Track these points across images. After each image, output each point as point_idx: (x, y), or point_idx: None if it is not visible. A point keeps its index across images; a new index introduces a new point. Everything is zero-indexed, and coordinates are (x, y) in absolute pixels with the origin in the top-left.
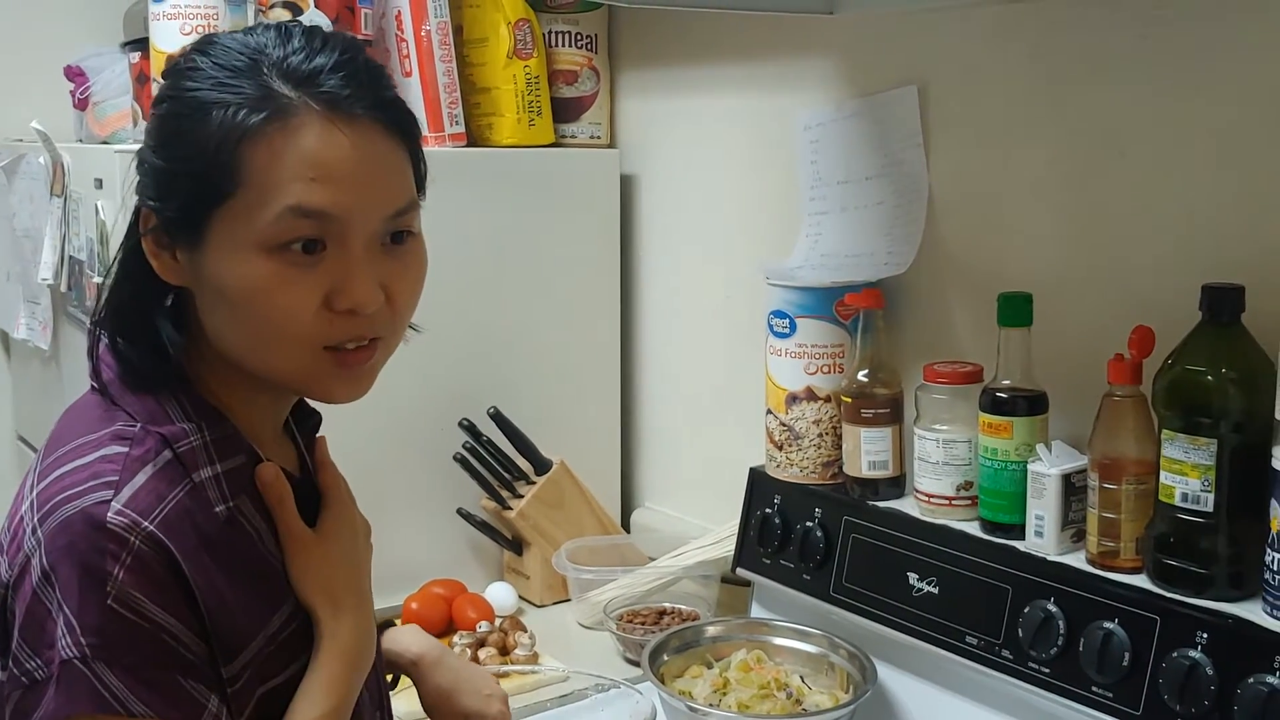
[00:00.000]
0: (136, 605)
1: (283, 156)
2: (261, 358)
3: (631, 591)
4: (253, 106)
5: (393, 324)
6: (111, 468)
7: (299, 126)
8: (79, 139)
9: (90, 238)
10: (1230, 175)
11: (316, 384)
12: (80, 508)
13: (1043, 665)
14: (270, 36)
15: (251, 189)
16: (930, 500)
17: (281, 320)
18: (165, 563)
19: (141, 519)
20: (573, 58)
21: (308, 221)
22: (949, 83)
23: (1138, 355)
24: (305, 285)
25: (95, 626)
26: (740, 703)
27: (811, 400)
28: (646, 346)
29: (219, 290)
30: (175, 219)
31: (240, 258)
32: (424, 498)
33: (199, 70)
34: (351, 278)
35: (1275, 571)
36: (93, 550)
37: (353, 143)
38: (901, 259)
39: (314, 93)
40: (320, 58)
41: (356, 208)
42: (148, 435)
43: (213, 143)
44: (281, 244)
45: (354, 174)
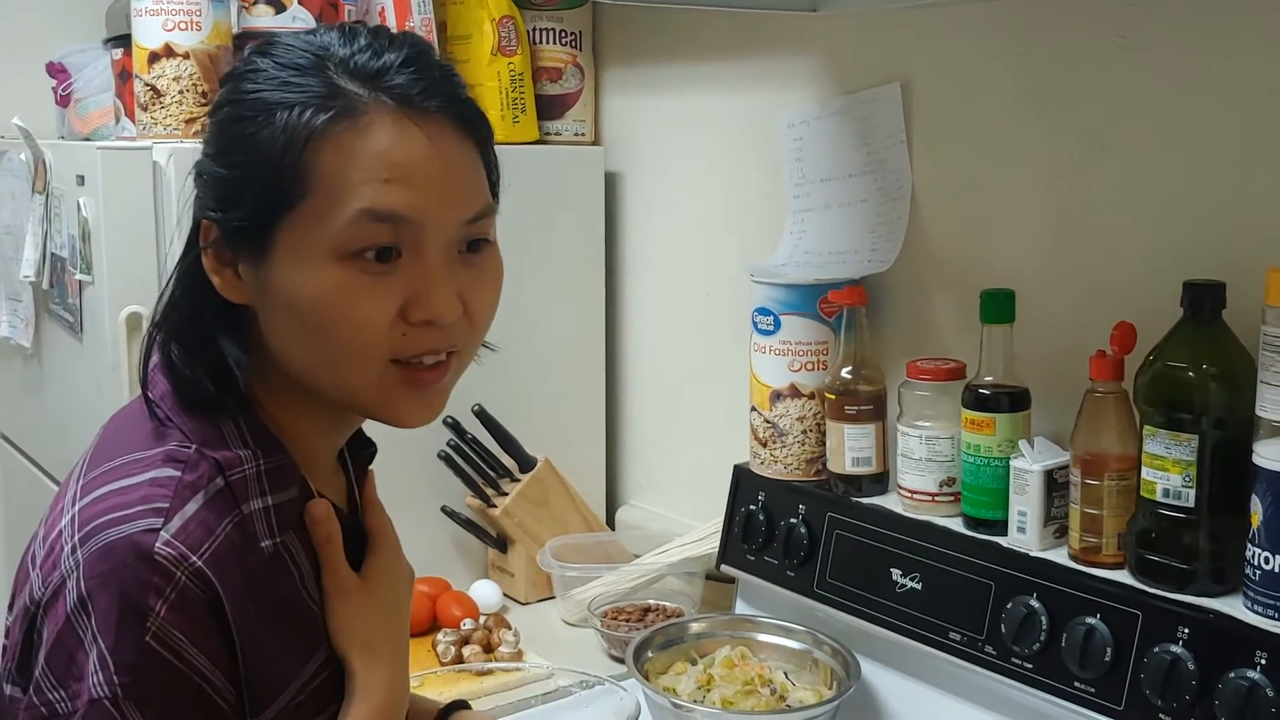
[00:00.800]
0: (174, 644)
1: (353, 157)
2: (330, 374)
3: (616, 589)
4: (319, 105)
5: (470, 337)
6: (162, 493)
7: (369, 125)
8: (61, 136)
9: (72, 235)
10: (1210, 172)
11: (385, 403)
12: (126, 534)
13: (1025, 661)
14: (334, 36)
15: (321, 193)
16: (913, 496)
17: (353, 332)
18: (209, 602)
19: (190, 553)
20: (557, 55)
21: (382, 226)
22: (932, 80)
23: (1119, 352)
24: (380, 295)
25: (130, 665)
26: (724, 699)
27: (795, 397)
28: (631, 344)
29: (287, 303)
30: (239, 230)
31: (310, 267)
32: (408, 495)
33: (260, 71)
34: (429, 286)
35: (1256, 567)
36: (135, 582)
37: (427, 141)
38: (885, 256)
39: (384, 89)
40: (389, 54)
41: (433, 211)
42: (202, 459)
43: (278, 145)
44: (354, 251)
45: (429, 175)
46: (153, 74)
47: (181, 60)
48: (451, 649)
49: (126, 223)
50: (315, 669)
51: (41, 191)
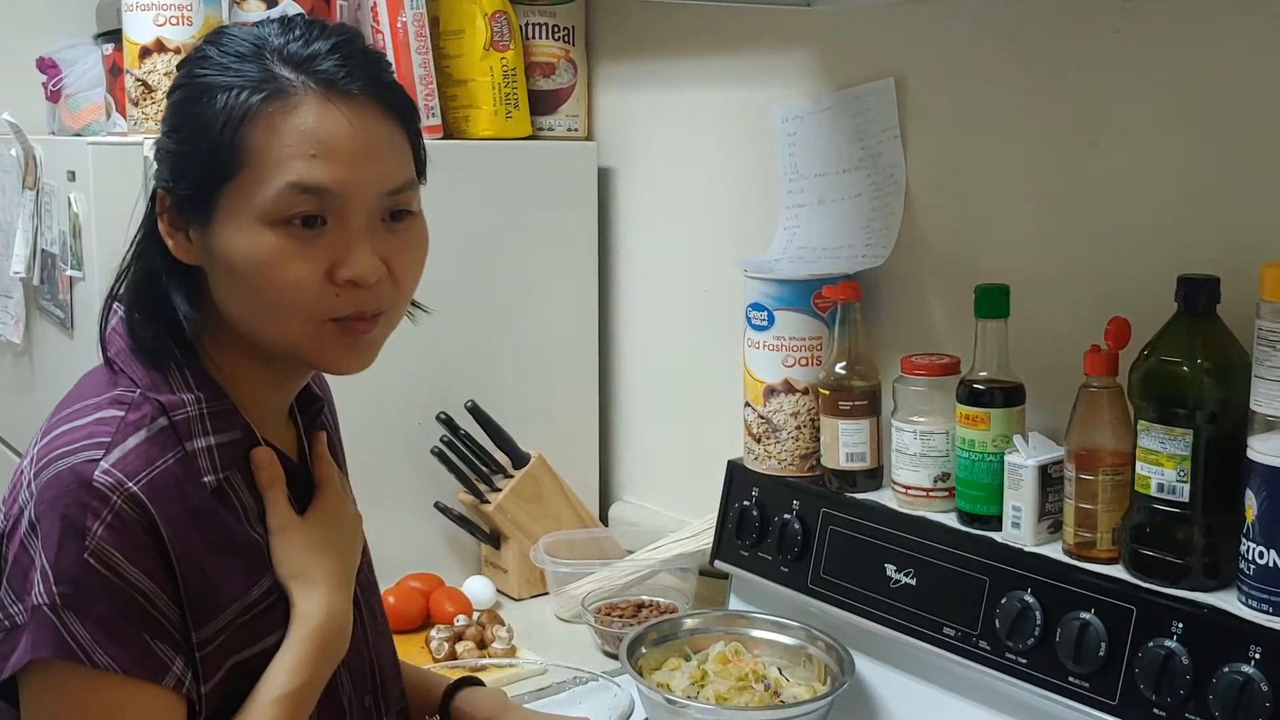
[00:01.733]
0: (111, 562)
1: (283, 134)
2: (270, 329)
3: (609, 585)
4: (254, 88)
5: (395, 298)
6: (105, 429)
7: (297, 105)
8: (51, 131)
9: (63, 230)
10: (1204, 167)
11: (323, 354)
12: (70, 464)
13: (1020, 656)
14: (274, 27)
15: (255, 166)
16: (908, 492)
17: (287, 292)
18: (145, 525)
19: (127, 480)
20: (550, 50)
21: (308, 196)
22: (926, 75)
23: (1114, 347)
24: (308, 258)
25: (69, 577)
26: (718, 695)
27: (789, 393)
28: (624, 340)
29: (228, 264)
30: (187, 198)
31: (246, 232)
32: (401, 492)
33: (208, 58)
34: (352, 251)
35: (1250, 561)
36: (76, 504)
37: (350, 120)
38: (879, 251)
39: (312, 73)
40: (318, 43)
41: (355, 183)
42: (145, 401)
43: (218, 123)
44: (283, 219)
45: (351, 151)
46: (144, 69)
47: (172, 55)
48: (445, 645)
49: (117, 218)
50: (260, 594)
51: (32, 187)
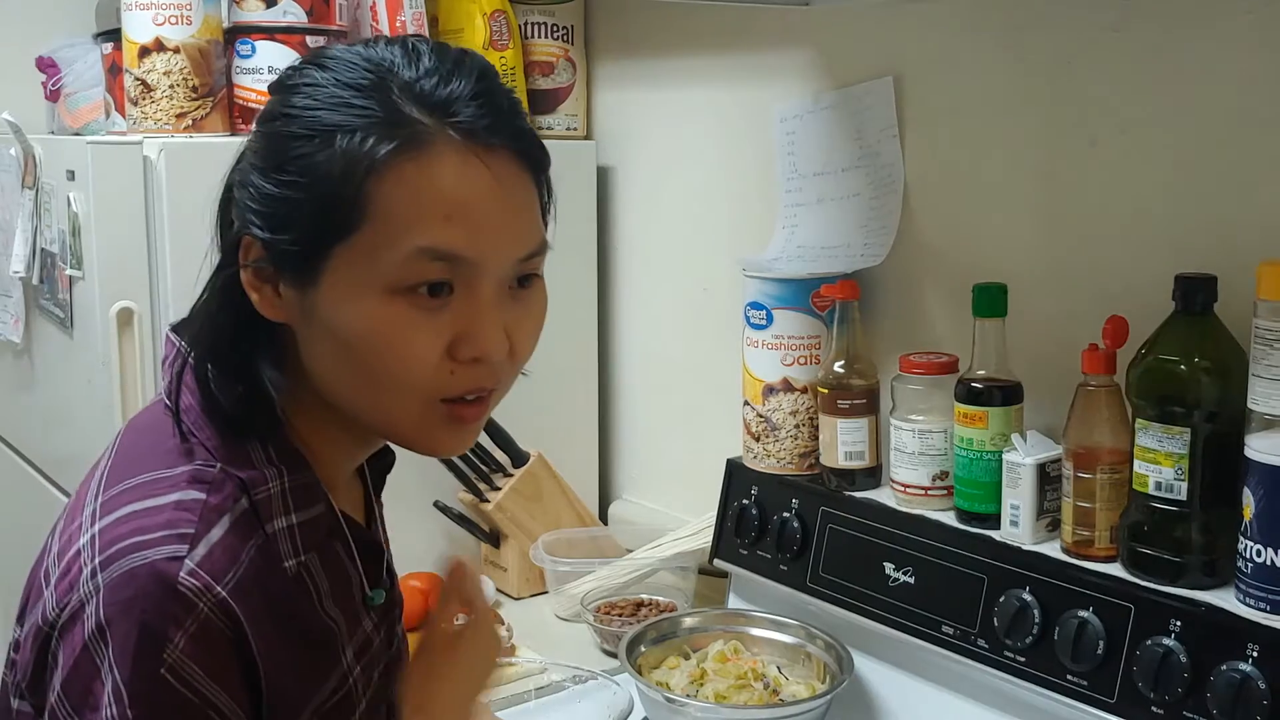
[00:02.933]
0: (191, 679)
1: (416, 191)
2: (372, 405)
3: (609, 583)
4: (383, 134)
5: (511, 372)
6: (187, 517)
7: (433, 158)
8: (51, 131)
9: (62, 230)
10: (1203, 165)
11: (425, 436)
12: (150, 560)
13: (1018, 654)
14: (396, 53)
15: (379, 225)
16: (906, 490)
17: (401, 368)
18: (231, 634)
19: (215, 583)
20: (549, 49)
21: (439, 264)
22: (924, 74)
23: (1111, 345)
24: (429, 331)
25: (145, 697)
26: (717, 693)
27: (788, 391)
28: (624, 339)
29: (333, 332)
30: (288, 253)
31: (362, 299)
32: (401, 490)
33: (318, 87)
34: (480, 324)
35: (1248, 559)
36: (157, 611)
37: (491, 177)
38: (877, 250)
39: (450, 120)
40: (456, 82)
41: (491, 250)
42: (227, 480)
43: (337, 171)
44: (408, 286)
45: (490, 213)
46: (143, 68)
47: (172, 54)
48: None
49: (117, 218)
50: (332, 688)
51: (31, 187)
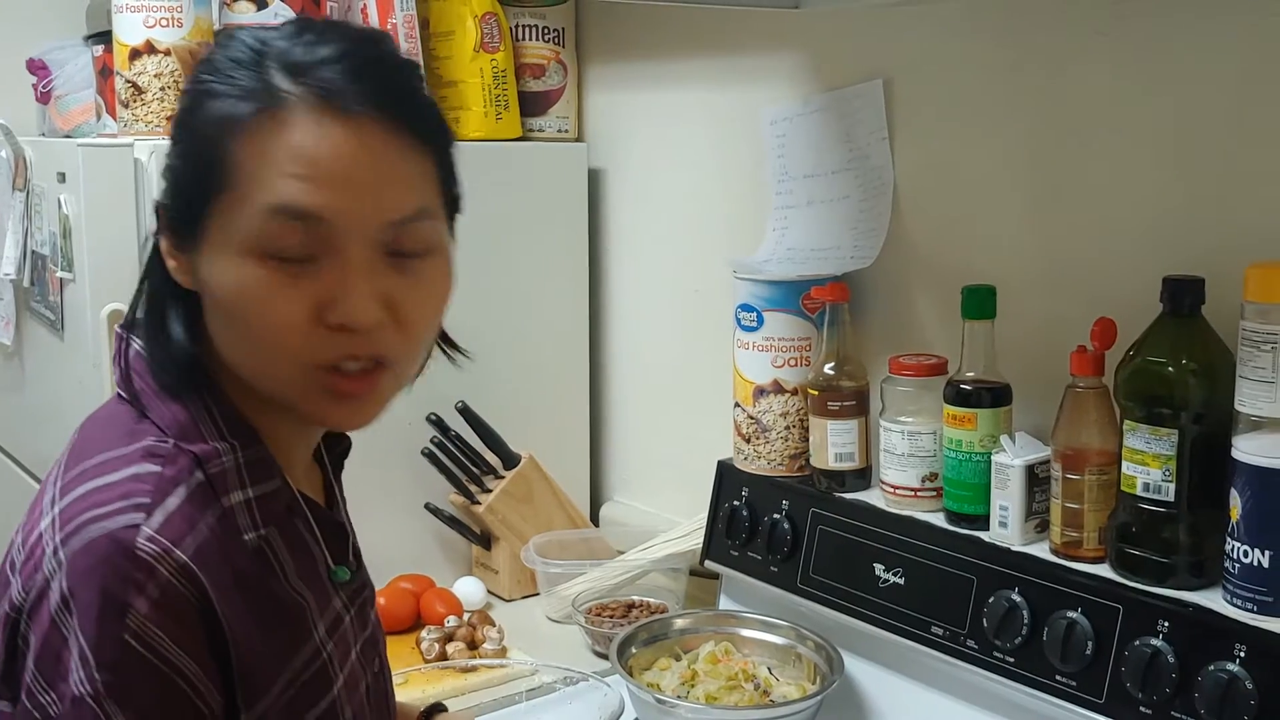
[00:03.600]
0: (155, 644)
1: (268, 150)
2: (256, 370)
3: (600, 585)
4: (243, 97)
5: (402, 348)
6: (143, 488)
7: (290, 119)
8: (42, 133)
9: (53, 232)
10: (1190, 168)
11: (309, 405)
12: (107, 530)
13: (1007, 655)
14: (286, 29)
15: (239, 186)
16: (896, 492)
17: (269, 332)
18: (195, 598)
19: (174, 547)
20: (540, 51)
21: (294, 224)
22: (914, 77)
23: (1100, 347)
24: (293, 295)
25: (111, 662)
26: (708, 694)
27: (779, 393)
28: (615, 340)
29: (211, 294)
30: (177, 217)
31: (228, 260)
32: (392, 492)
33: (210, 62)
34: (345, 289)
35: (1235, 560)
36: (116, 577)
37: (348, 139)
38: (867, 253)
39: (311, 83)
40: (326, 48)
41: (351, 211)
42: (180, 453)
43: (206, 135)
44: (266, 248)
45: (349, 173)
46: (134, 70)
47: (163, 57)
48: (435, 646)
49: (108, 220)
50: (305, 661)
51: (22, 189)
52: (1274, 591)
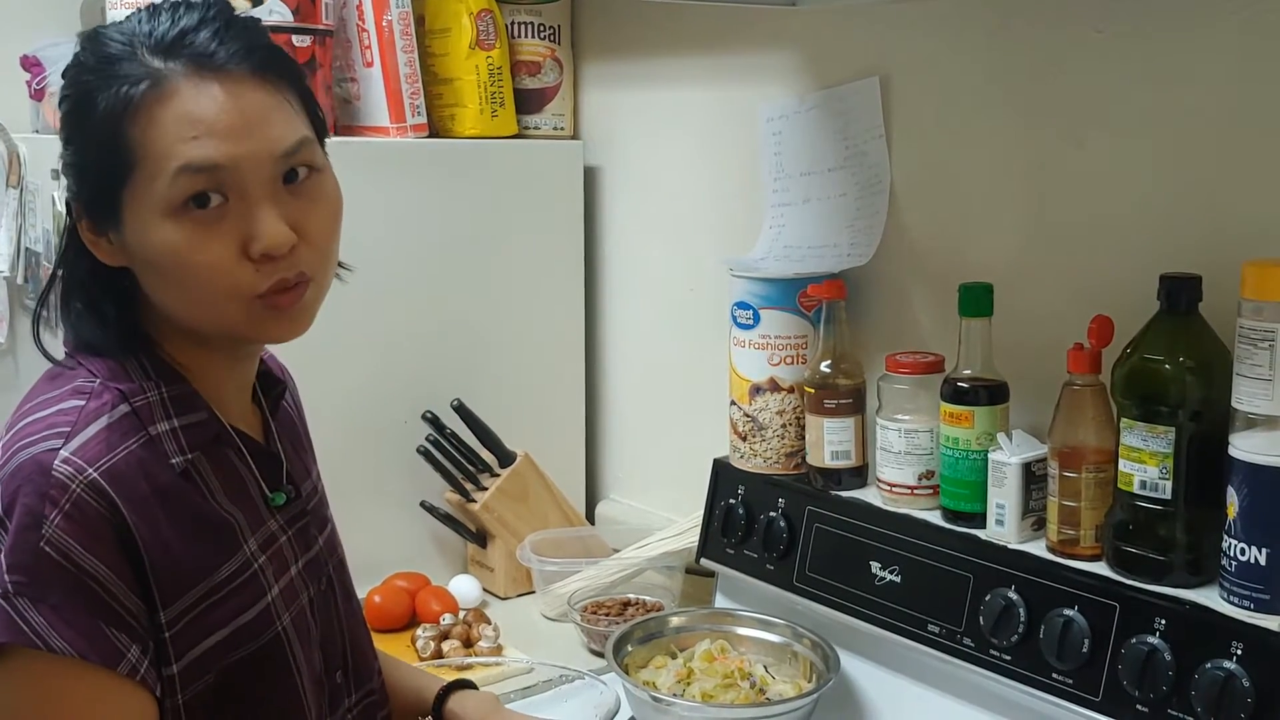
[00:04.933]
0: (67, 550)
1: (162, 123)
2: (203, 315)
3: (596, 583)
4: (132, 84)
5: (318, 261)
6: (65, 419)
7: (172, 92)
8: (35, 130)
9: (47, 229)
10: (1187, 166)
11: (258, 329)
12: (31, 454)
13: (1004, 653)
14: (141, 16)
15: (145, 161)
16: (892, 489)
17: (206, 277)
18: (105, 512)
19: (87, 466)
20: (535, 49)
21: (200, 177)
22: (910, 74)
23: (1097, 345)
24: (217, 239)
25: (25, 566)
26: (704, 693)
27: (775, 391)
28: (611, 339)
29: (145, 261)
30: (94, 206)
31: (153, 227)
32: (387, 490)
33: (84, 65)
34: (256, 221)
35: (1232, 558)
36: (35, 493)
37: (224, 94)
38: (864, 250)
39: (180, 56)
40: (184, 21)
41: (243, 154)
42: (105, 390)
43: (105, 127)
44: (181, 205)
45: (232, 123)
46: None
47: None
48: (431, 644)
49: None
50: (231, 573)
51: (15, 186)
52: (1271, 589)
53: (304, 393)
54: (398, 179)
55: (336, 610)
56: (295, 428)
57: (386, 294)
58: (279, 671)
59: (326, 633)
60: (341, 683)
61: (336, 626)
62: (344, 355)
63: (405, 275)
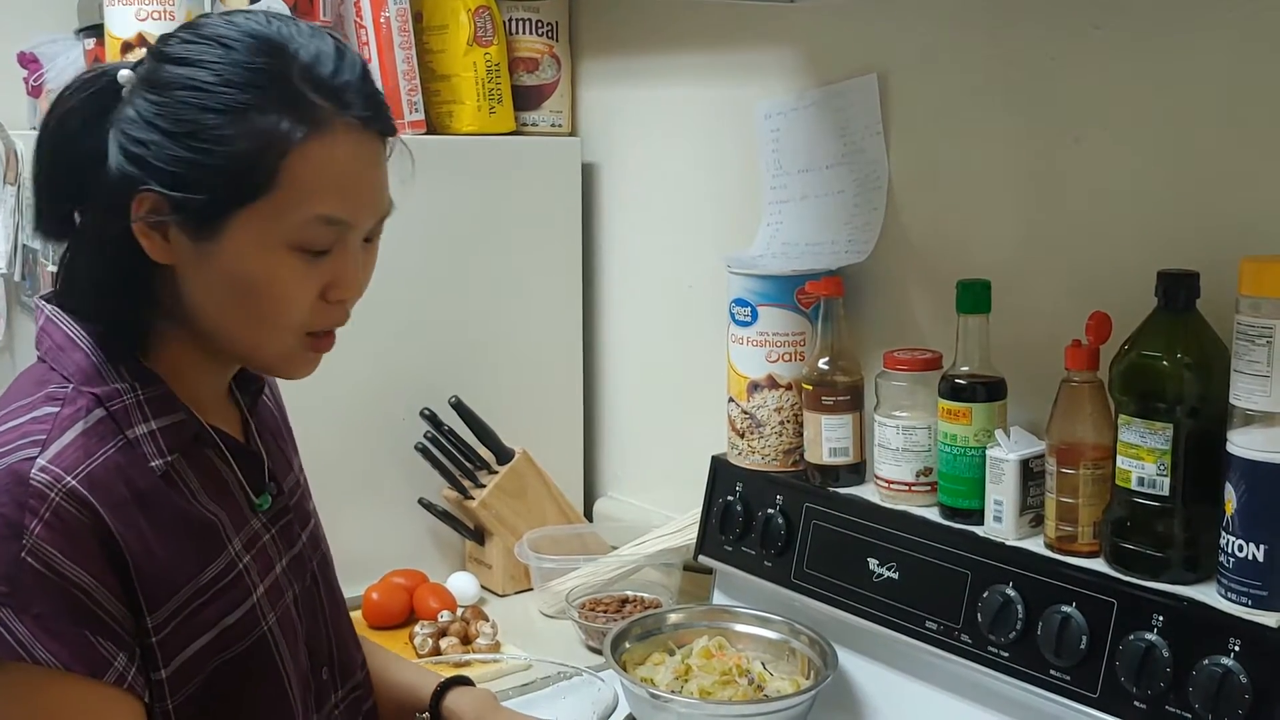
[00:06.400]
0: (49, 560)
1: (315, 165)
2: (247, 336)
3: (594, 580)
4: (292, 117)
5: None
6: (40, 427)
7: (334, 142)
8: (32, 126)
9: None
10: (1185, 162)
11: (287, 364)
12: (7, 464)
13: (1001, 649)
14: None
15: (286, 193)
16: (890, 486)
17: (283, 310)
18: (87, 519)
19: (65, 474)
20: (533, 45)
21: (332, 229)
22: (909, 71)
23: (1094, 341)
24: (310, 279)
25: (6, 576)
26: (702, 689)
27: (773, 388)
28: (609, 336)
29: (228, 277)
30: (193, 210)
31: (261, 252)
32: (385, 488)
33: (223, 64)
34: (350, 273)
35: (1230, 554)
36: (13, 503)
37: (374, 160)
38: (862, 247)
39: (345, 107)
40: (347, 73)
41: (365, 217)
42: (80, 395)
43: (252, 148)
44: (304, 245)
45: (369, 186)
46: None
47: None
48: (429, 641)
49: None
50: (216, 574)
51: (13, 183)
52: (1268, 585)
53: (301, 390)
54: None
55: (321, 606)
56: (275, 422)
57: (384, 291)
58: (266, 671)
59: (312, 629)
60: (327, 679)
61: (322, 622)
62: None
63: (403, 272)
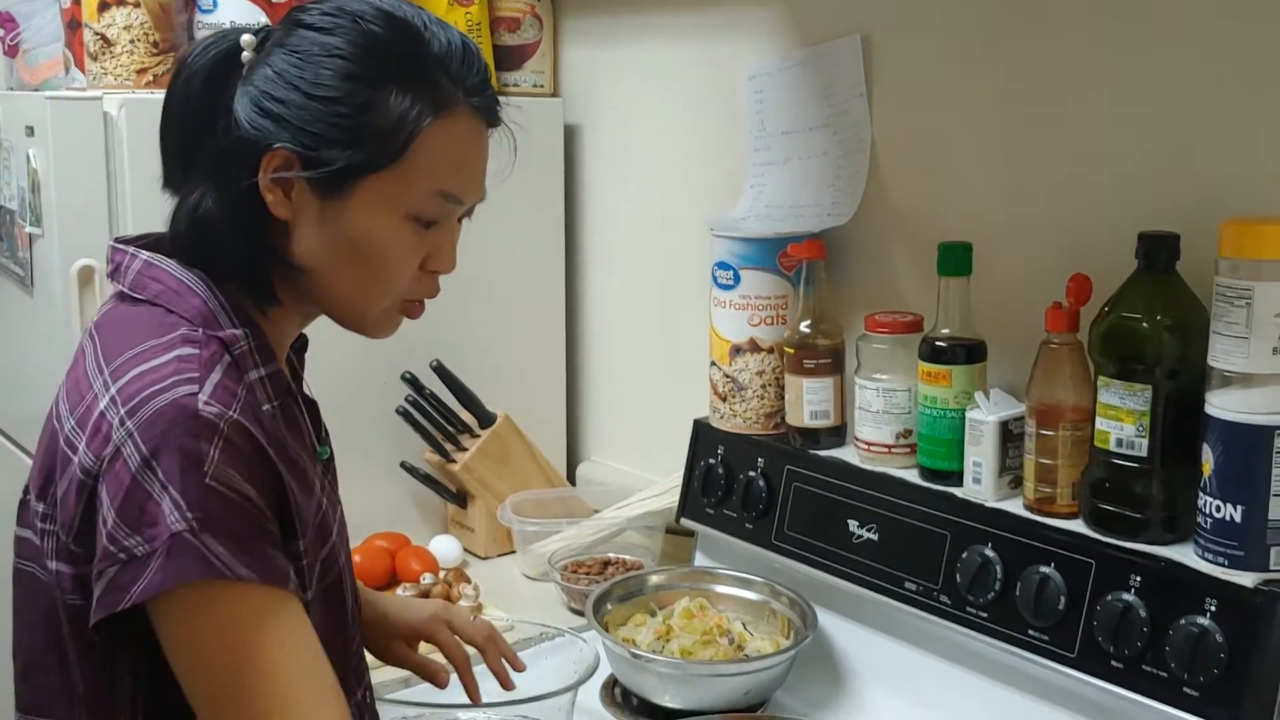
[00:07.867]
0: (230, 482)
1: (445, 144)
2: (355, 296)
3: (576, 543)
4: (427, 99)
5: None
6: (190, 366)
7: (460, 124)
8: (9, 87)
9: (21, 186)
10: (1167, 125)
11: (379, 325)
12: (171, 400)
13: (980, 610)
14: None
15: (413, 166)
16: (870, 448)
17: (394, 273)
18: (252, 448)
19: (226, 409)
20: (515, 5)
21: (448, 206)
22: (892, 33)
23: (1075, 303)
24: (417, 250)
25: (199, 503)
26: (683, 649)
27: (755, 351)
28: (591, 299)
29: (349, 238)
30: (333, 171)
31: (382, 217)
32: (367, 451)
33: (369, 38)
34: (449, 247)
35: (1207, 515)
36: (189, 436)
37: (484, 145)
38: (844, 210)
39: (476, 95)
40: (479, 66)
41: (473, 196)
42: (211, 339)
43: (390, 120)
44: (421, 216)
45: (480, 170)
46: (103, 23)
47: (132, 9)
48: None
49: (77, 174)
50: (315, 508)
51: None
52: (1245, 546)
53: None
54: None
55: (352, 616)
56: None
57: None
58: (342, 604)
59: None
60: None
61: (355, 633)
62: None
63: None
